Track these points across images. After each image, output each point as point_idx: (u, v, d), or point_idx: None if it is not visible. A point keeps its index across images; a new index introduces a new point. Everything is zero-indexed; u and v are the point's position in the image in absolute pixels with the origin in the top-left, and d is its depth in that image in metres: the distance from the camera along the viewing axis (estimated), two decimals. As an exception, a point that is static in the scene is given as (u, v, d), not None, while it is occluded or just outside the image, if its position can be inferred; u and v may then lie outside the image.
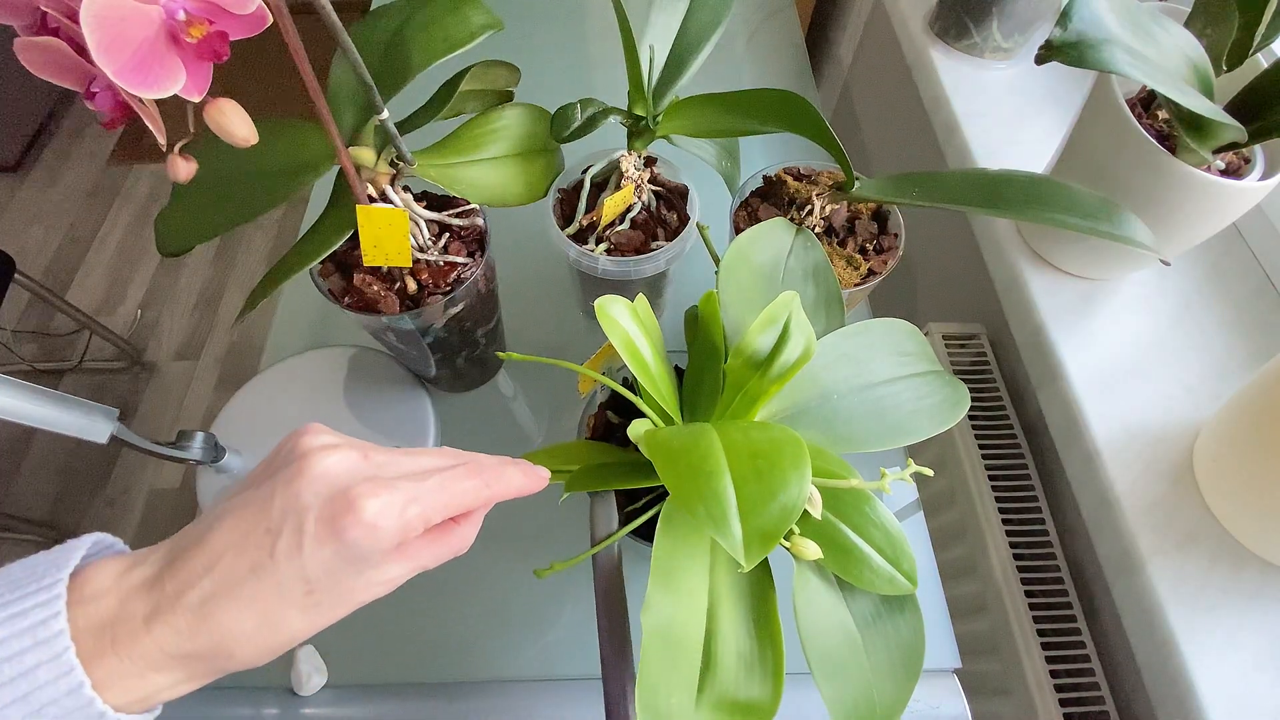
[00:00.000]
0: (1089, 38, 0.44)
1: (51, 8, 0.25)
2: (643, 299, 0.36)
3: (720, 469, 0.28)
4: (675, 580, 0.32)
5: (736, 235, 0.51)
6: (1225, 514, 0.51)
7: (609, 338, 0.33)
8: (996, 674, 0.62)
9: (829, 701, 0.32)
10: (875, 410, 0.38)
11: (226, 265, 1.79)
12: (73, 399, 0.42)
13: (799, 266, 0.43)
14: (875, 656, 0.34)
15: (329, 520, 0.25)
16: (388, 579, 0.27)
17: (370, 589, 0.27)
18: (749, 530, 0.26)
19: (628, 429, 0.34)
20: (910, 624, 0.35)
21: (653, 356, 0.35)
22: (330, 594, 0.26)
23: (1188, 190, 0.51)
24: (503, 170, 0.50)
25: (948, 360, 0.74)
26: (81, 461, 1.49)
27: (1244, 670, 0.46)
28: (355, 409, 0.61)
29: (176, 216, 0.46)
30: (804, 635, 0.33)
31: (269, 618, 0.25)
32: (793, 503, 0.27)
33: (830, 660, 0.33)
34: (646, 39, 0.50)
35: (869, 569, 0.34)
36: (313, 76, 0.34)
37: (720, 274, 0.41)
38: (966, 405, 0.39)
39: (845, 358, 0.39)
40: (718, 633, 0.32)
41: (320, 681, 0.50)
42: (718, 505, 0.27)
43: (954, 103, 0.78)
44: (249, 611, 0.24)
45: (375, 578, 0.27)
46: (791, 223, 0.45)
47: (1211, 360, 0.59)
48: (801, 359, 0.34)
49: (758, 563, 0.26)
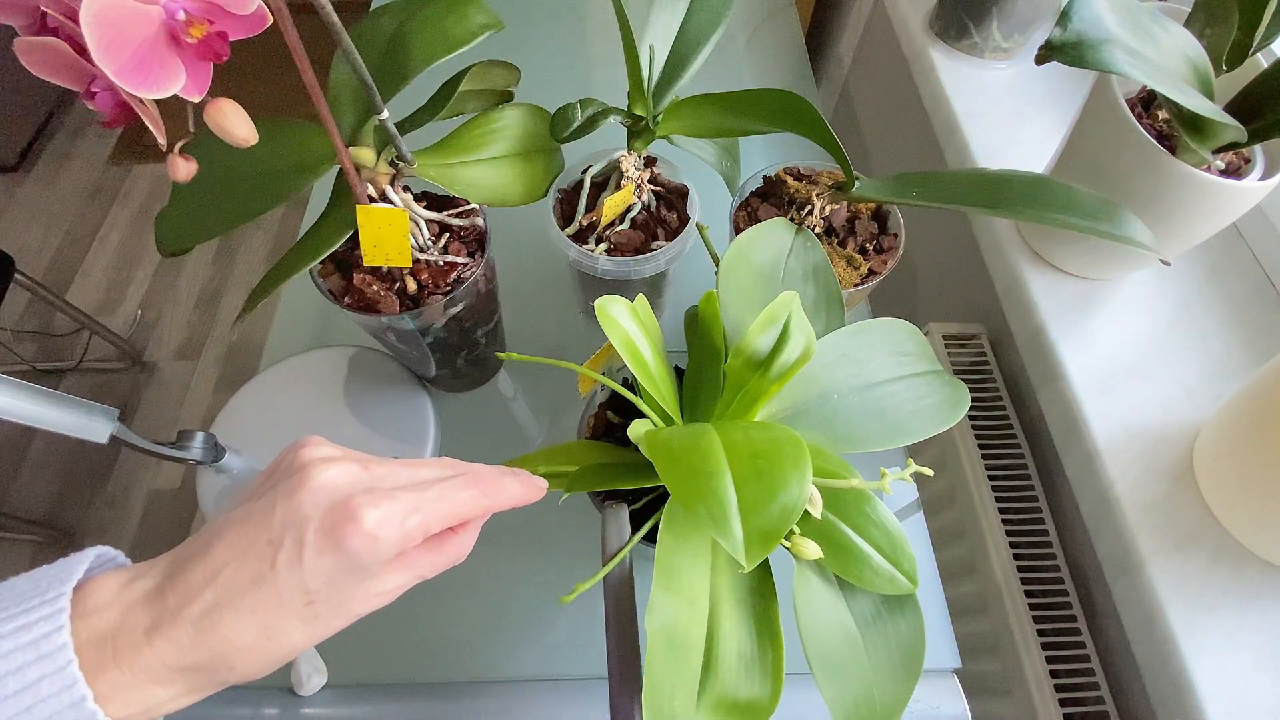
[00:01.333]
0: (1089, 38, 0.44)
1: (51, 8, 0.25)
2: (643, 299, 0.36)
3: (721, 469, 0.28)
4: (677, 581, 0.32)
5: (736, 235, 0.51)
6: (1225, 514, 0.51)
7: (609, 337, 0.33)
8: (996, 674, 0.62)
9: (830, 701, 0.32)
10: (875, 410, 0.38)
11: (226, 265, 1.79)
12: (73, 399, 0.42)
13: (799, 266, 0.43)
14: (876, 656, 0.34)
15: (329, 531, 0.25)
16: (387, 589, 0.28)
17: (369, 600, 0.27)
18: (750, 530, 0.26)
19: (628, 429, 0.34)
20: (910, 623, 0.35)
21: (653, 356, 0.35)
22: (330, 605, 0.26)
23: (1188, 190, 0.51)
24: (503, 170, 0.50)
25: (948, 360, 0.74)
26: (81, 461, 1.49)
27: (1244, 670, 0.46)
28: (355, 409, 0.61)
29: (176, 216, 0.46)
30: (804, 635, 0.33)
31: (270, 629, 0.25)
32: (793, 503, 0.27)
33: (831, 660, 0.33)
34: (646, 39, 0.50)
35: (869, 568, 0.34)
36: (313, 76, 0.34)
37: (720, 274, 0.41)
38: (966, 405, 0.39)
39: (845, 358, 0.39)
40: (719, 633, 0.32)
41: (320, 681, 0.50)
42: (718, 505, 0.27)
43: (954, 103, 0.78)
44: (250, 622, 0.25)
45: (375, 588, 0.27)
46: (791, 222, 0.45)
47: (1211, 360, 0.59)
48: (801, 359, 0.34)
49: (758, 563, 0.26)
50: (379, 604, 0.28)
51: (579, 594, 0.32)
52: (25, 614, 0.23)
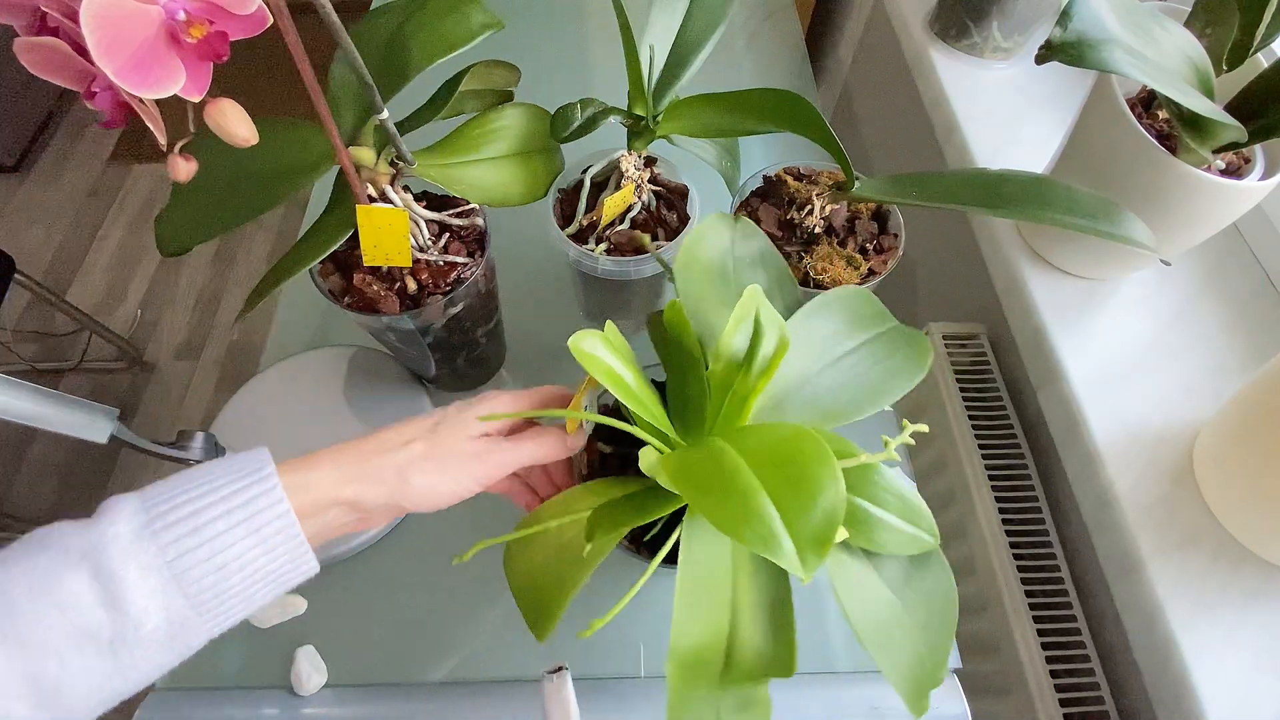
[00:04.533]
0: (1089, 38, 0.44)
1: (51, 8, 0.25)
2: (611, 325, 0.36)
3: (754, 486, 0.28)
4: (702, 599, 0.33)
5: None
6: (1225, 514, 0.51)
7: (592, 374, 0.33)
8: (996, 674, 0.62)
9: (886, 670, 0.33)
10: (851, 379, 0.39)
11: (226, 265, 1.79)
12: (73, 399, 0.42)
13: (745, 255, 0.44)
14: (916, 614, 0.35)
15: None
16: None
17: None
18: (800, 541, 0.26)
19: (639, 462, 0.33)
20: (939, 575, 0.36)
21: (635, 380, 0.35)
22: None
23: (1188, 190, 0.51)
24: (503, 170, 0.50)
25: (948, 360, 0.74)
26: (81, 461, 1.49)
27: (1244, 670, 0.46)
28: (355, 409, 0.61)
29: (176, 216, 0.46)
30: (850, 615, 0.33)
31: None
32: (834, 503, 0.27)
33: (880, 631, 0.33)
34: (646, 39, 0.50)
35: (893, 535, 0.35)
36: (313, 76, 0.34)
37: (677, 281, 0.41)
38: (930, 351, 0.40)
39: (810, 337, 0.40)
40: (739, 639, 0.33)
41: (320, 681, 0.50)
42: (763, 525, 0.26)
43: (954, 103, 0.78)
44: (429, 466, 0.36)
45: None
46: (727, 214, 0.45)
47: (1211, 360, 0.59)
48: (779, 349, 0.34)
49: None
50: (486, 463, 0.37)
51: (596, 628, 0.32)
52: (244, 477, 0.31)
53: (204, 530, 0.29)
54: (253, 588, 0.30)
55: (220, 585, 0.29)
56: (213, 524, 0.29)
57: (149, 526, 0.28)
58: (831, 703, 0.51)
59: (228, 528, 0.29)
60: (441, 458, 0.35)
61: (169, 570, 0.28)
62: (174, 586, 0.28)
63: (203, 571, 0.28)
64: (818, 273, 0.49)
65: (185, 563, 0.28)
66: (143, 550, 0.28)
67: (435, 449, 0.35)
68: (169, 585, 0.28)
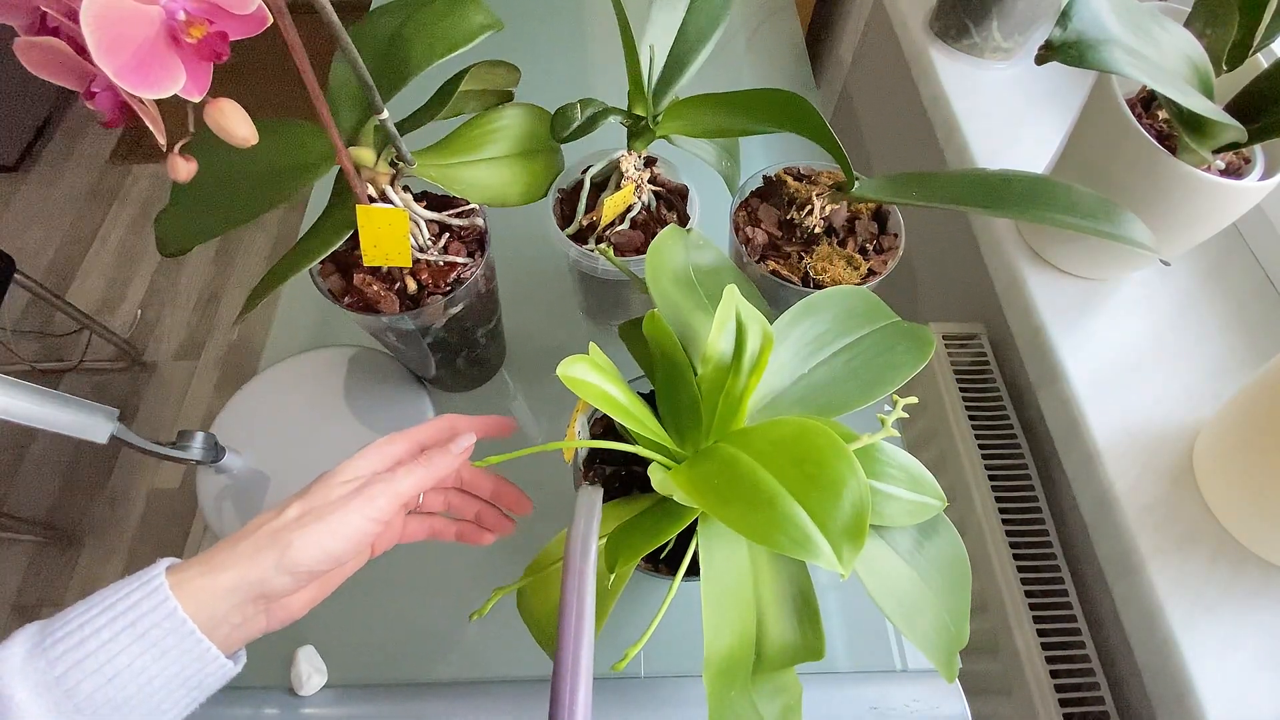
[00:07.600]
0: (1089, 38, 0.44)
1: (51, 8, 0.25)
2: (595, 347, 0.35)
3: (777, 490, 0.27)
4: (727, 601, 0.33)
5: (736, 235, 0.51)
6: (1225, 514, 0.51)
7: (584, 399, 0.33)
8: (996, 674, 0.62)
9: (916, 640, 0.33)
10: (847, 373, 0.39)
11: (226, 265, 1.79)
12: (73, 399, 0.42)
13: (702, 264, 0.44)
14: (933, 581, 0.35)
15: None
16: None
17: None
18: (834, 538, 0.26)
19: (651, 481, 0.33)
20: (947, 538, 0.36)
21: (626, 398, 0.35)
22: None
23: (1188, 190, 0.51)
24: (503, 170, 0.50)
25: (948, 360, 0.74)
26: (81, 461, 1.49)
27: (1244, 670, 0.46)
28: (355, 409, 0.61)
29: (176, 216, 0.46)
30: (875, 595, 0.33)
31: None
32: (859, 493, 0.27)
33: (904, 605, 0.34)
34: (646, 39, 0.50)
35: (901, 507, 0.35)
36: (313, 76, 0.34)
37: (651, 291, 0.40)
38: (932, 343, 0.40)
39: (802, 334, 0.40)
40: (767, 636, 0.33)
41: (320, 681, 0.50)
42: (795, 528, 0.26)
43: (954, 103, 0.78)
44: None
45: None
46: (679, 228, 0.45)
47: (1211, 360, 0.59)
48: (765, 345, 0.34)
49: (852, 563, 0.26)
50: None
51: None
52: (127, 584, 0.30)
53: (89, 641, 0.28)
54: (156, 695, 0.29)
55: (116, 696, 0.28)
56: (98, 634, 0.28)
57: (39, 645, 0.28)
58: (831, 703, 0.51)
59: (112, 636, 0.28)
60: (318, 509, 0.34)
61: (59, 687, 0.27)
62: (67, 702, 0.27)
63: (94, 684, 0.28)
64: (818, 273, 0.49)
65: (74, 676, 0.27)
66: (33, 670, 0.27)
67: (309, 505, 0.34)
68: (62, 701, 0.27)
